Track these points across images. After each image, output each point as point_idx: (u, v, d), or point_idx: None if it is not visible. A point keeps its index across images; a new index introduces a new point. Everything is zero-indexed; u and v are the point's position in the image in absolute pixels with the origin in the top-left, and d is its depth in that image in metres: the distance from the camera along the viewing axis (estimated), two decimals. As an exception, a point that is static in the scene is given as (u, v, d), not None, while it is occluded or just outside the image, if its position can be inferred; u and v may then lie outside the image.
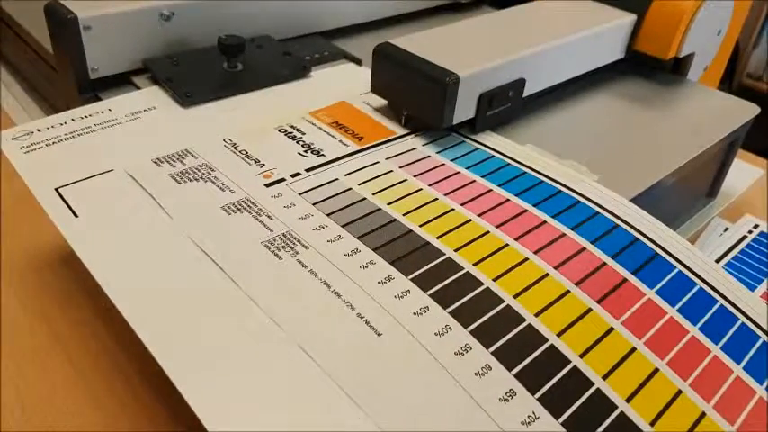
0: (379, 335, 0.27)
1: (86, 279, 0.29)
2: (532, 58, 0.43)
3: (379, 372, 0.26)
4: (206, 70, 0.45)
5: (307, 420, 0.24)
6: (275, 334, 0.27)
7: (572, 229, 0.34)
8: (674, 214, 0.47)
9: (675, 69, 0.53)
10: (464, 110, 0.40)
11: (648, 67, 0.52)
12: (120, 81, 0.45)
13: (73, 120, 0.39)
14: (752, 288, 0.43)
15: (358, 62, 0.51)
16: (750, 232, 0.48)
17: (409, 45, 0.41)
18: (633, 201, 0.37)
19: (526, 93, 0.44)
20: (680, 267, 0.33)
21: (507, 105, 0.43)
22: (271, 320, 0.27)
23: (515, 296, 0.29)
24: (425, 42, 0.42)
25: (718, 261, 0.45)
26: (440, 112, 0.39)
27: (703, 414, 0.26)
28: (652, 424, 0.25)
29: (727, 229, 0.49)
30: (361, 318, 0.28)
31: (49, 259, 0.40)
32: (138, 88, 0.44)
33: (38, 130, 0.38)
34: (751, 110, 0.48)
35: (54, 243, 0.41)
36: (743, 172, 0.53)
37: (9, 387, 0.33)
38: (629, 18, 0.49)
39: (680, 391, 0.27)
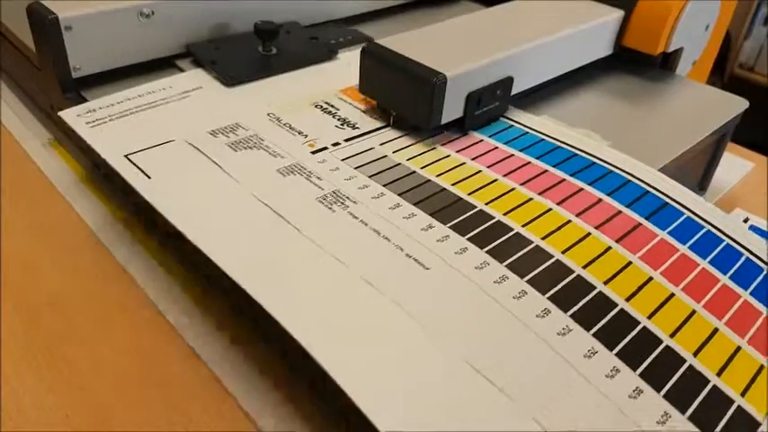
0: (427, 269, 0.31)
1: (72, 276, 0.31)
2: (520, 55, 0.43)
3: (431, 297, 0.30)
4: (244, 54, 0.48)
5: (382, 340, 0.28)
6: (341, 271, 0.31)
7: (589, 185, 0.38)
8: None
9: (664, 64, 0.53)
10: (452, 109, 0.40)
11: (637, 62, 0.52)
12: (102, 80, 0.46)
13: (129, 98, 0.43)
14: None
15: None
16: (741, 226, 0.50)
17: (396, 45, 0.41)
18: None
19: (514, 91, 0.44)
20: (687, 213, 0.36)
21: (495, 104, 0.43)
22: (336, 260, 0.31)
23: (543, 238, 0.33)
24: (412, 42, 0.42)
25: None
26: (427, 112, 0.39)
27: (716, 330, 0.30)
28: (672, 336, 0.29)
29: None
30: (410, 257, 0.32)
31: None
32: (182, 70, 0.48)
33: (99, 108, 0.42)
34: (739, 104, 0.48)
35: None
36: (733, 165, 0.53)
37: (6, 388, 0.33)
38: (616, 14, 0.48)
39: (694, 311, 0.31)
